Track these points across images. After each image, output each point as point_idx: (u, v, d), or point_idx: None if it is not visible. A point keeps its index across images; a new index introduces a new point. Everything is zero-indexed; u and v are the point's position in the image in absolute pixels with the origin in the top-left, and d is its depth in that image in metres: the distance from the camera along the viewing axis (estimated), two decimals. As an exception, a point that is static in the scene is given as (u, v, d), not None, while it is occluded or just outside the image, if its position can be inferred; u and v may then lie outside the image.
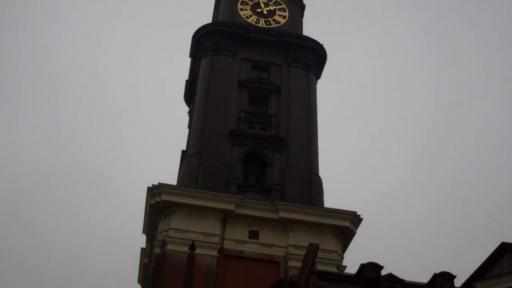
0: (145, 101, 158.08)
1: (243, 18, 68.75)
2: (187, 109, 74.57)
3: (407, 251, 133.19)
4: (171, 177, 62.03)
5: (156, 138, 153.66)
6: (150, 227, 54.37)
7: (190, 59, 72.18)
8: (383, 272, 50.02)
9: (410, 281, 49.51)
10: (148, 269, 56.50)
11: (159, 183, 51.28)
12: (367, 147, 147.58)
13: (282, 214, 52.12)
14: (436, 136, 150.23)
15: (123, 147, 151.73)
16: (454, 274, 52.19)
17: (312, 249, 14.92)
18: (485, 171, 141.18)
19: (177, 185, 54.34)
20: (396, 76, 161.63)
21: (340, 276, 48.92)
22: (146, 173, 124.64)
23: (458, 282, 51.07)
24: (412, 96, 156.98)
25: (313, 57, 67.47)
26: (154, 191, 51.36)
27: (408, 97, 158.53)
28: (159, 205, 51.28)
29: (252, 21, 68.25)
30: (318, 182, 57.41)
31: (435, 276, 51.59)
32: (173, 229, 49.98)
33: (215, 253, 49.60)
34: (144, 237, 57.07)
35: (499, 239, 46.18)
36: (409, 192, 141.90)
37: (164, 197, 50.79)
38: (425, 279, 53.92)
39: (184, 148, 64.53)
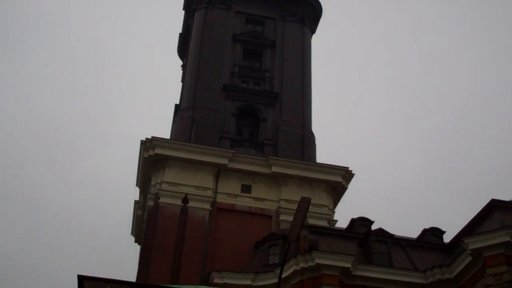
0: (139, 54, 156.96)
1: (238, -30, 67.67)
2: (181, 63, 74.15)
3: (398, 207, 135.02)
4: (164, 131, 62.24)
5: (150, 92, 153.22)
6: (144, 181, 54.72)
7: (183, 12, 71.40)
8: (374, 227, 50.87)
9: (400, 236, 50.41)
10: (141, 221, 57.09)
11: (152, 137, 51.42)
12: (360, 103, 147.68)
13: (274, 169, 52.53)
14: (430, 89, 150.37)
15: (117, 100, 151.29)
16: (444, 230, 53.19)
17: (304, 203, 15.15)
18: (478, 128, 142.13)
19: (170, 139, 54.46)
20: (390, 31, 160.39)
21: (331, 230, 49.74)
22: (140, 127, 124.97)
23: (447, 237, 51.99)
24: (403, 51, 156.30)
25: (309, 11, 66.83)
26: (148, 144, 51.55)
27: (400, 52, 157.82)
28: (153, 158, 51.52)
29: (247, -26, 67.26)
30: (311, 137, 57.72)
31: (425, 231, 52.49)
32: (166, 182, 50.34)
33: (207, 206, 50.12)
34: (137, 190, 57.49)
35: (489, 196, 46.91)
36: (401, 148, 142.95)
37: (158, 151, 51.02)
38: (414, 234, 54.86)
39: (178, 102, 64.45)
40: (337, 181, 53.99)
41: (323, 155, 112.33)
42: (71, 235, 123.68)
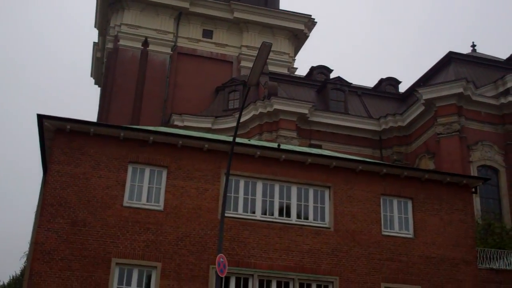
0: None
1: None
2: None
3: (357, 57, 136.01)
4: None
5: None
6: (102, 22, 53.39)
7: None
8: (332, 76, 51.74)
9: (357, 85, 51.55)
10: (100, 64, 56.56)
11: (110, -26, 49.45)
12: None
13: (236, 14, 51.73)
14: None
15: None
16: (400, 80, 54.49)
17: (265, 48, 15.22)
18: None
19: (129, -22, 52.42)
20: None
21: (291, 77, 50.43)
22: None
23: (402, 87, 53.40)
24: None
25: None
26: (105, -17, 49.69)
27: None
28: (111, -2, 49.94)
29: None
30: (275, -17, 56.39)
31: (381, 81, 53.70)
32: (125, 24, 49.23)
33: (168, 50, 49.69)
34: (96, 31, 56.26)
35: (447, 49, 47.66)
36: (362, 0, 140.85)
37: (115, -10, 49.31)
38: (371, 83, 56.07)
39: None
40: (299, 28, 53.76)
41: (286, 3, 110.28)
42: (29, 76, 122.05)
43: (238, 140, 22.59)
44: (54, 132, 20.35)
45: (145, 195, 20.46)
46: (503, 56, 49.19)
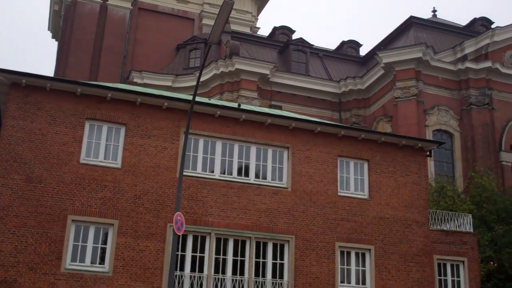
0: None
1: None
2: None
3: (320, 19, 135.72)
4: None
5: None
6: (60, -27, 51.84)
7: None
8: (294, 37, 51.63)
9: (319, 47, 51.61)
10: (58, 17, 55.05)
11: None
12: None
13: (199, -29, 50.91)
14: None
15: None
16: (361, 43, 54.77)
17: (227, 6, 14.98)
18: None
19: None
20: None
21: (253, 37, 50.11)
22: None
23: (363, 51, 53.74)
24: None
25: None
26: None
27: None
28: (69, -51, 48.37)
29: None
30: None
31: (343, 43, 53.89)
32: (84, -23, 47.93)
33: (128, 5, 48.65)
34: (53, -17, 54.57)
35: (408, 13, 47.89)
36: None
37: None
38: (333, 46, 56.15)
39: None
40: (262, -13, 53.24)
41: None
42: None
43: (198, 99, 22.47)
44: (9, 86, 19.88)
45: (103, 153, 20.27)
46: (463, 22, 49.84)
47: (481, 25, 49.25)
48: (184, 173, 19.56)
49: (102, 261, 19.24)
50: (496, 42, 44.40)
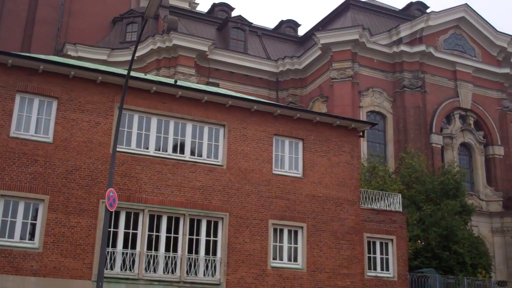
0: None
1: None
2: None
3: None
4: None
5: None
6: None
7: None
8: (234, 14, 51.42)
9: (257, 25, 51.61)
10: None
11: None
12: None
13: None
14: None
15: None
16: (299, 23, 55.17)
17: (164, -20, 14.77)
18: None
19: None
20: None
21: (191, 13, 49.56)
22: None
23: (302, 31, 54.17)
24: None
25: None
26: None
27: None
28: None
29: None
30: None
31: (282, 22, 54.06)
32: None
33: (63, -25, 47.17)
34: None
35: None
36: None
37: None
38: (272, 25, 56.24)
39: None
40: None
41: None
42: None
43: (133, 74, 22.12)
44: None
45: (34, 126, 19.69)
46: (400, 5, 50.83)
47: (417, 9, 50.42)
48: (118, 149, 19.27)
49: (32, 237, 18.80)
50: (431, 26, 45.59)
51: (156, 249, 20.22)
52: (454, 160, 42.60)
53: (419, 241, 31.31)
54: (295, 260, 22.48)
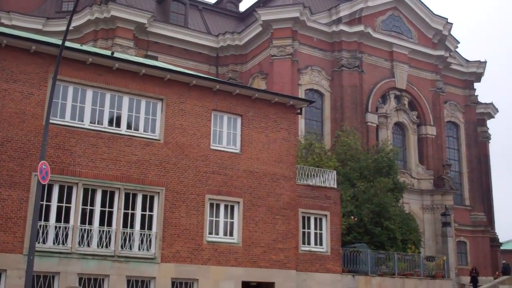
0: None
1: None
2: None
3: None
4: None
5: None
6: None
7: None
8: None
9: (198, -1, 51.13)
10: None
11: None
12: None
13: None
14: None
15: None
16: (241, -2, 54.94)
17: None
18: None
19: None
20: None
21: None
22: None
23: (243, 6, 53.95)
24: None
25: None
26: None
27: None
28: None
29: None
30: None
31: (223, -2, 53.82)
32: None
33: None
34: None
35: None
36: None
37: None
38: (213, -1, 55.86)
39: None
40: None
41: None
42: None
43: (69, 44, 21.52)
44: None
45: (-38, 96, 18.98)
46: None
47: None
48: (51, 121, 18.84)
49: (-41, 210, 18.23)
50: (370, 7, 46.27)
51: (90, 223, 19.95)
52: (388, 139, 43.71)
53: (352, 217, 32.12)
54: (231, 234, 22.67)
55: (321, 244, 25.74)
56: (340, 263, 26.12)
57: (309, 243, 25.42)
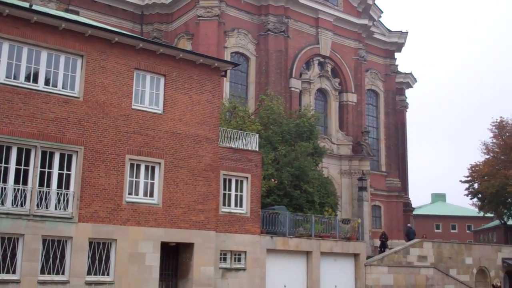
0: None
1: None
2: None
3: None
4: None
5: None
6: None
7: None
8: None
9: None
10: None
11: None
12: None
13: None
14: None
15: None
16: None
17: None
18: None
19: None
20: None
21: None
22: None
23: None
24: None
25: None
26: None
27: None
28: None
29: None
30: None
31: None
32: None
33: None
34: None
35: None
36: None
37: None
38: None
39: None
40: None
41: None
42: None
43: (-17, -7, 20.43)
44: None
45: None
46: None
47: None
48: (-37, 74, 17.96)
49: None
50: (297, -28, 46.26)
51: (5, 181, 19.31)
52: (310, 105, 44.42)
53: (272, 180, 32.62)
54: (151, 195, 22.57)
55: (241, 206, 26.08)
56: (259, 225, 26.61)
57: (229, 205, 25.69)
